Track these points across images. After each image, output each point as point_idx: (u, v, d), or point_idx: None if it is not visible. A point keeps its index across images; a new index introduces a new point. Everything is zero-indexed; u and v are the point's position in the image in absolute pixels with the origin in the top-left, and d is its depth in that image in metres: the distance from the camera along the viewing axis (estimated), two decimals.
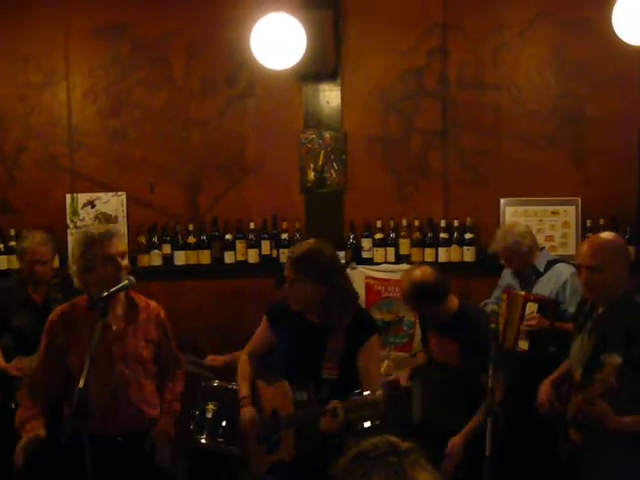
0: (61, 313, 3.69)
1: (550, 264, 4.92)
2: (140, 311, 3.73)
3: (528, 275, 4.93)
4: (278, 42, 4.49)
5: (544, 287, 4.82)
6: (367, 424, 3.11)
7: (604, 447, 3.27)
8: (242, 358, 3.98)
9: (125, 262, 3.62)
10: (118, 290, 3.49)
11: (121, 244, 3.65)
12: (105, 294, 3.40)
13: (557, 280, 4.79)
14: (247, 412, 3.76)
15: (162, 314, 3.83)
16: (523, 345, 4.68)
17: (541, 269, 4.90)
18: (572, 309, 4.55)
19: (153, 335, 3.76)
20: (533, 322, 4.62)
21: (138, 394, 3.66)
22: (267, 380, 3.79)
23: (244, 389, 3.86)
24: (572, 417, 3.36)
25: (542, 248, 5.10)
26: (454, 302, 4.19)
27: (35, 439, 3.48)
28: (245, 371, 3.92)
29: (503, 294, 4.93)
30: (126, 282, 3.52)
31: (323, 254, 3.57)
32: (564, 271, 4.81)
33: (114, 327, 3.63)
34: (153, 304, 3.83)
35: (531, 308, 4.66)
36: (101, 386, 3.57)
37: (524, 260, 4.90)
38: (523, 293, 4.76)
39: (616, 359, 3.06)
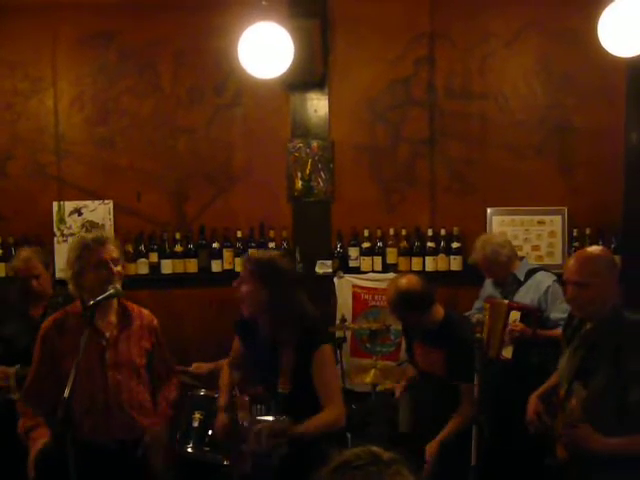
0: (54, 320, 3.69)
1: (530, 273, 4.92)
2: (133, 319, 3.73)
3: (509, 284, 4.94)
4: (266, 51, 4.47)
5: (525, 295, 4.83)
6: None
7: (590, 466, 3.20)
8: (224, 368, 4.00)
9: (118, 268, 3.62)
10: (104, 298, 3.48)
11: (114, 250, 3.65)
12: (92, 302, 3.41)
13: (538, 288, 4.81)
14: (218, 420, 3.77)
15: (155, 322, 3.84)
16: (507, 353, 4.69)
17: (521, 278, 4.91)
18: (554, 316, 4.59)
19: (146, 343, 3.75)
20: (516, 330, 4.63)
21: (130, 401, 3.64)
22: (242, 390, 3.80)
23: (222, 399, 3.86)
24: (558, 432, 3.32)
25: (522, 257, 5.11)
26: (440, 311, 4.18)
27: (43, 449, 3.52)
28: (224, 381, 3.92)
29: (485, 303, 4.93)
30: (112, 291, 3.51)
31: (277, 262, 3.61)
32: (545, 279, 4.83)
33: (107, 334, 3.64)
34: (146, 312, 3.84)
35: (514, 316, 4.67)
36: (93, 393, 3.59)
37: (503, 270, 4.92)
38: (506, 302, 4.77)
39: (582, 392, 3.07)
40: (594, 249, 3.53)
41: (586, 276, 3.27)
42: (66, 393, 3.25)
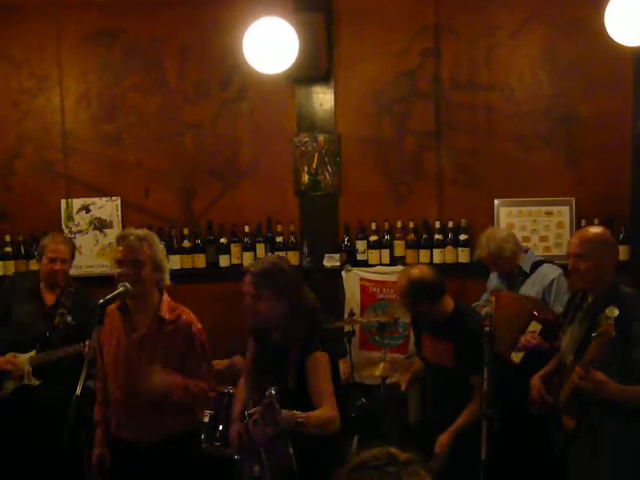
0: (113, 309, 3.76)
1: (536, 265, 4.90)
2: (166, 323, 3.70)
3: (514, 277, 4.92)
4: (271, 46, 4.48)
5: (530, 288, 4.81)
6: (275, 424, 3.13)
7: (598, 426, 3.38)
8: (240, 380, 3.96)
9: (124, 270, 3.63)
10: (112, 298, 3.52)
11: (127, 252, 3.66)
12: (101, 301, 3.44)
13: (543, 281, 4.78)
14: (232, 430, 3.75)
15: (194, 328, 3.76)
16: (516, 358, 4.54)
17: (527, 270, 4.89)
18: (557, 309, 4.54)
19: (177, 348, 3.71)
20: (534, 342, 4.46)
21: (148, 401, 3.64)
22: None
23: (237, 408, 3.85)
24: (565, 401, 3.46)
25: (527, 250, 5.08)
26: (450, 303, 4.19)
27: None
28: (240, 392, 3.90)
29: (491, 296, 4.88)
30: (122, 289, 3.55)
31: (284, 269, 3.53)
32: (550, 272, 4.81)
33: (134, 335, 3.68)
34: (185, 317, 3.78)
35: (535, 327, 4.50)
36: (117, 391, 3.71)
37: (508, 264, 4.91)
38: (530, 307, 4.57)
39: (614, 310, 3.17)
40: (595, 228, 3.90)
41: (585, 249, 3.58)
42: (78, 391, 3.29)
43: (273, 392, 3.09)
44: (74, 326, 4.63)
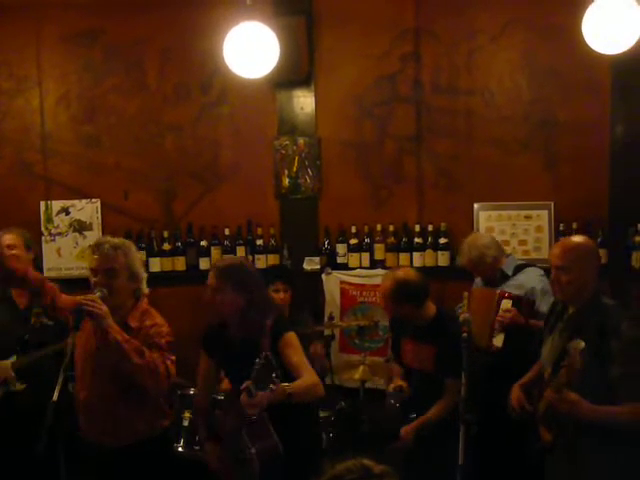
0: None
1: (519, 268, 4.94)
2: (131, 330, 3.65)
3: (497, 280, 4.93)
4: (251, 51, 4.47)
5: (514, 290, 4.81)
6: (273, 386, 3.19)
7: (574, 443, 3.36)
8: (195, 400, 4.13)
9: (98, 279, 3.62)
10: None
11: (101, 260, 3.64)
12: (75, 308, 3.43)
13: (527, 282, 4.81)
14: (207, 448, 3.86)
15: (153, 330, 3.68)
16: (497, 342, 4.61)
17: (509, 273, 4.92)
18: (543, 309, 4.58)
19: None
20: (508, 315, 4.57)
21: (117, 408, 3.65)
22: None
23: (202, 432, 4.00)
24: (542, 414, 3.44)
25: (509, 255, 5.12)
26: (432, 307, 4.25)
27: None
28: (201, 412, 4.02)
29: (465, 292, 4.90)
30: (98, 294, 3.54)
31: (246, 268, 3.77)
32: (533, 273, 4.85)
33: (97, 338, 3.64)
34: (149, 322, 3.72)
35: (506, 305, 4.62)
36: (82, 392, 3.72)
37: (489, 269, 4.93)
38: (498, 290, 4.73)
39: (580, 343, 3.14)
40: (577, 237, 3.80)
41: (567, 260, 3.52)
42: (55, 396, 3.29)
43: (266, 353, 3.22)
44: (51, 326, 4.51)
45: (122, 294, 3.67)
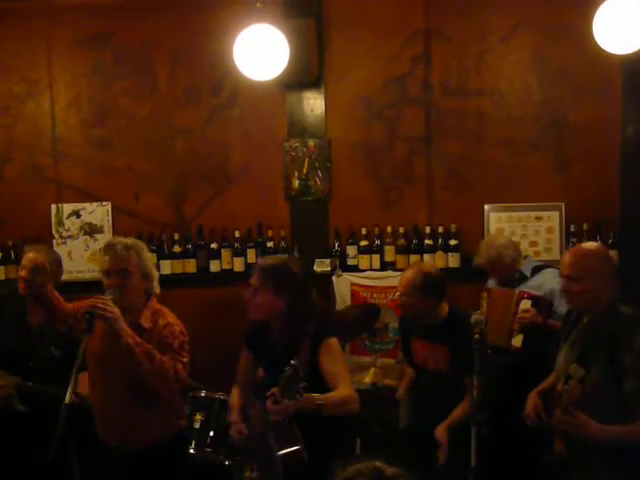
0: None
1: (537, 269, 4.93)
2: (144, 331, 3.65)
3: (515, 281, 4.92)
4: (261, 53, 4.48)
5: (532, 291, 4.77)
6: (299, 397, 3.13)
7: (588, 458, 3.28)
8: (233, 392, 3.97)
9: (111, 280, 3.62)
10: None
11: (114, 261, 3.64)
12: (87, 310, 3.44)
13: (545, 283, 4.78)
14: (233, 430, 3.76)
15: (166, 330, 3.68)
16: (516, 342, 4.58)
17: (528, 274, 4.91)
18: (561, 310, 4.54)
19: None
20: (527, 315, 4.53)
21: (127, 410, 3.65)
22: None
23: (233, 415, 3.85)
24: (556, 427, 3.37)
25: (526, 256, 5.11)
26: (445, 307, 4.27)
27: None
28: (234, 401, 3.91)
29: (483, 292, 4.90)
30: (110, 297, 3.54)
31: (290, 269, 3.58)
32: (552, 275, 4.77)
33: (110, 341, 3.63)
34: (162, 321, 3.72)
35: (525, 305, 4.59)
36: (98, 397, 3.73)
37: (507, 270, 4.91)
38: (517, 290, 4.71)
39: (579, 371, 3.09)
40: (589, 244, 3.70)
41: (578, 270, 3.38)
42: (67, 399, 3.29)
43: (293, 362, 3.14)
44: (59, 357, 4.38)
45: (135, 294, 3.68)
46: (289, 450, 3.37)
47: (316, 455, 3.33)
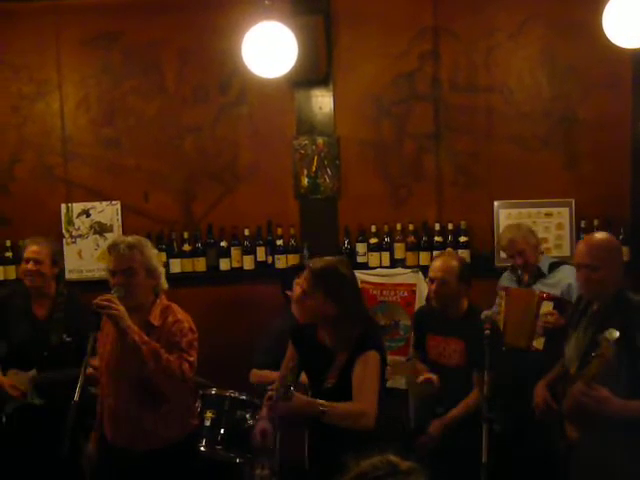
0: None
1: (553, 266, 4.92)
2: (154, 329, 3.65)
3: (531, 276, 4.91)
4: (269, 51, 4.48)
5: (548, 288, 4.78)
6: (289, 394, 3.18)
7: (604, 436, 3.31)
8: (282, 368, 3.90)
9: (116, 279, 3.63)
10: None
11: (119, 261, 3.64)
12: (93, 309, 3.44)
13: (563, 279, 4.78)
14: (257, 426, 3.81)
15: (175, 327, 3.67)
16: (538, 344, 4.56)
17: (545, 270, 4.91)
18: None
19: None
20: (551, 319, 4.50)
21: (138, 412, 3.64)
22: None
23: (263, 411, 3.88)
24: (568, 412, 3.40)
25: (541, 253, 5.08)
26: (465, 301, 4.31)
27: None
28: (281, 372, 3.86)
29: (501, 292, 4.87)
30: (116, 295, 3.53)
31: (341, 274, 3.54)
32: (570, 271, 4.70)
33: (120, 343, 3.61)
34: (171, 318, 3.71)
35: (546, 307, 4.56)
36: (109, 398, 3.70)
37: (532, 254, 4.90)
38: (537, 292, 4.68)
39: (614, 332, 3.10)
40: (601, 234, 3.75)
41: (596, 259, 3.47)
42: (76, 396, 3.29)
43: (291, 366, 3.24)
44: (71, 343, 4.51)
45: (142, 292, 3.67)
46: (291, 454, 3.38)
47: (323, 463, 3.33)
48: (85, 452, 3.89)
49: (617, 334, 3.09)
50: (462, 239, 5.65)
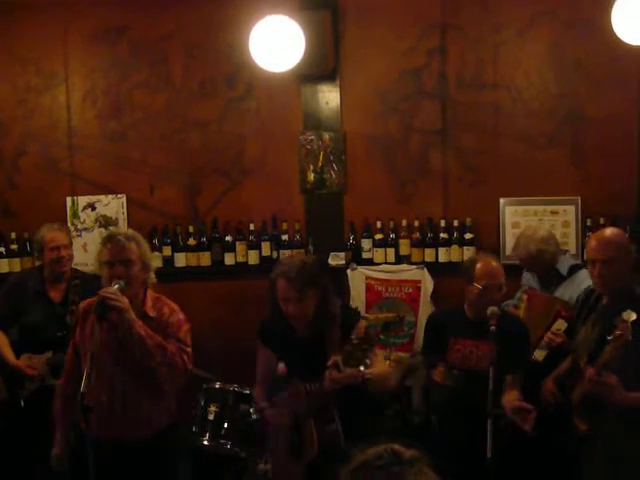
0: (85, 305, 3.81)
1: (573, 269, 4.82)
2: (150, 320, 3.65)
3: (550, 278, 4.84)
4: (277, 45, 4.48)
5: (564, 292, 4.70)
6: (368, 361, 3.19)
7: (613, 425, 3.34)
8: (257, 391, 3.97)
9: (114, 271, 3.61)
10: None
11: (117, 251, 3.63)
12: (97, 302, 3.44)
13: (579, 286, 4.57)
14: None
15: (172, 319, 3.70)
16: (539, 356, 4.44)
17: (564, 273, 4.81)
18: None
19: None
20: (558, 340, 4.34)
21: (135, 402, 3.64)
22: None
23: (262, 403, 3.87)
24: (578, 404, 3.43)
25: (566, 251, 5.04)
26: None
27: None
28: (260, 398, 3.91)
29: (524, 294, 4.81)
30: (117, 287, 3.53)
31: (310, 263, 3.68)
32: (586, 277, 4.47)
33: (120, 332, 3.60)
34: (166, 309, 3.74)
35: (560, 325, 4.40)
36: (100, 390, 3.61)
37: (547, 266, 4.82)
38: (558, 306, 4.50)
39: (631, 314, 3.14)
40: (610, 229, 3.81)
41: (610, 253, 3.52)
42: (82, 387, 3.28)
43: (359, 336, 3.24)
44: None
45: (136, 284, 3.67)
46: (327, 431, 3.39)
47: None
48: (52, 456, 3.82)
49: (634, 315, 3.11)
50: (468, 236, 5.63)
